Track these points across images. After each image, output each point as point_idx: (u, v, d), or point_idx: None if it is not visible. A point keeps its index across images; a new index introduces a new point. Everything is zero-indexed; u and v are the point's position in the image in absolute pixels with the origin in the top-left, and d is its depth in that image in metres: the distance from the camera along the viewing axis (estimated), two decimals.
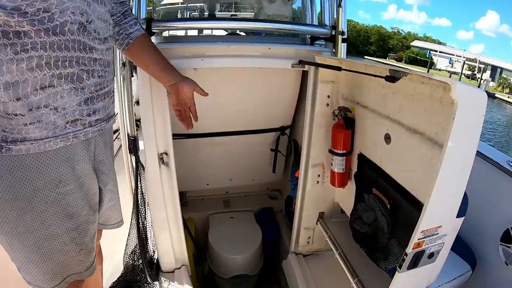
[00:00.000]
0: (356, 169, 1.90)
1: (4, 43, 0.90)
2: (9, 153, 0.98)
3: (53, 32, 0.96)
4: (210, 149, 2.63)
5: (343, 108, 1.84)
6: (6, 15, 0.87)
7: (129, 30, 1.45)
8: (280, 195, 3.15)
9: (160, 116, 1.84)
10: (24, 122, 0.98)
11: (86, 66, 1.07)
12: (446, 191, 1.14)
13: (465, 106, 1.00)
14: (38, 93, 0.97)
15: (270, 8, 2.62)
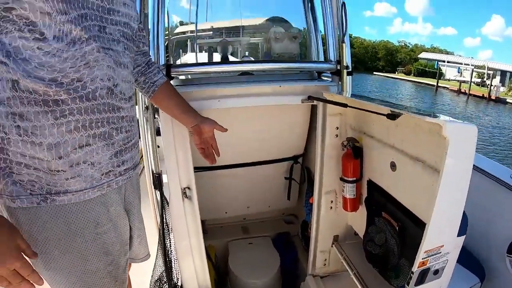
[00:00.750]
0: (366, 194, 2.02)
1: (45, 110, 1.03)
2: (54, 203, 1.10)
3: (86, 98, 1.09)
4: (228, 180, 2.75)
5: (351, 139, 1.99)
6: (45, 86, 1.01)
7: (154, 78, 1.60)
8: (296, 220, 3.25)
9: (182, 153, 1.97)
10: (65, 177, 1.10)
11: (115, 124, 1.21)
12: (444, 214, 1.28)
13: (456, 142, 1.16)
14: (77, 151, 1.11)
15: (278, 46, 2.78)
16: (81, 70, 1.07)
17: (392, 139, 1.71)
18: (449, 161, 1.17)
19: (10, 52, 0.97)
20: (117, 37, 1.20)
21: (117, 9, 1.19)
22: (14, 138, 1.03)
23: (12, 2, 0.93)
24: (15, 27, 0.96)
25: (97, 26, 1.10)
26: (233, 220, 3.19)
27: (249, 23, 7.09)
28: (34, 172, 1.07)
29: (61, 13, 0.99)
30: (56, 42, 1.00)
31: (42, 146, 1.05)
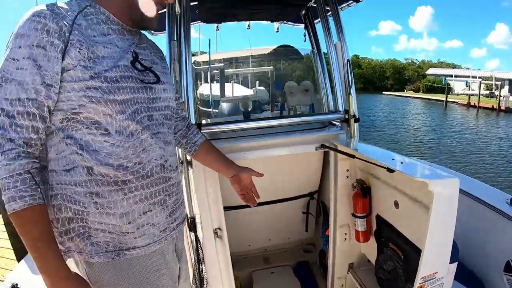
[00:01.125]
0: (375, 227, 2.32)
1: (116, 188, 1.32)
2: (125, 257, 1.39)
3: (146, 176, 1.39)
4: (251, 217, 3.01)
5: (359, 181, 2.31)
6: (114, 170, 1.31)
7: (194, 139, 1.86)
8: (314, 249, 3.46)
9: (213, 197, 2.25)
10: (133, 236, 1.39)
11: (167, 191, 1.50)
12: (435, 247, 1.61)
13: (440, 193, 1.51)
14: (141, 217, 1.40)
15: (293, 100, 3.11)
16: (140, 155, 1.36)
17: (394, 182, 2.02)
18: (435, 207, 1.51)
19: (82, 146, 1.27)
20: (161, 121, 1.48)
21: (159, 96, 1.47)
22: (92, 211, 1.32)
23: (79, 107, 1.23)
24: (83, 126, 1.26)
25: (147, 117, 1.39)
26: (255, 252, 3.41)
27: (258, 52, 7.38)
28: (109, 234, 1.35)
29: (119, 113, 1.28)
30: (118, 135, 1.30)
31: (115, 215, 1.34)
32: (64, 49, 1.19)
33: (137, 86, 1.35)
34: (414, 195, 1.86)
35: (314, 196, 3.17)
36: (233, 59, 7.97)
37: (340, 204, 2.48)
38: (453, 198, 1.57)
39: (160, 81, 1.47)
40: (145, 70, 1.42)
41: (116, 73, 1.27)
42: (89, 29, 1.28)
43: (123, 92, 1.29)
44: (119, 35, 1.38)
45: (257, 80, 8.15)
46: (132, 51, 1.39)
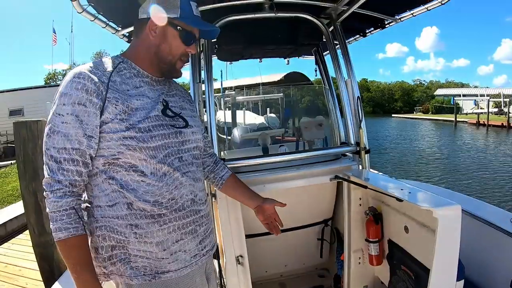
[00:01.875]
0: (387, 251, 2.47)
1: (152, 221, 1.51)
2: (160, 279, 1.56)
3: (179, 210, 1.58)
4: (268, 244, 3.13)
5: (371, 209, 2.48)
6: (151, 205, 1.50)
7: (221, 174, 2.04)
8: (328, 273, 3.56)
9: (236, 227, 2.42)
10: (168, 262, 1.56)
11: (198, 222, 1.67)
12: (442, 266, 1.80)
13: (443, 219, 1.72)
14: (174, 245, 1.58)
15: (307, 134, 3.32)
16: (173, 192, 1.55)
17: (404, 209, 2.21)
18: (440, 231, 1.72)
19: (123, 185, 1.48)
20: (190, 161, 1.66)
21: (187, 138, 1.65)
22: (132, 240, 1.50)
23: (118, 154, 1.44)
24: (122, 168, 1.47)
25: (177, 158, 1.58)
26: (272, 277, 3.52)
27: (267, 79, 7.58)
28: (146, 260, 1.53)
29: (152, 157, 1.48)
30: (153, 176, 1.50)
31: (152, 244, 1.52)
32: (102, 105, 1.41)
33: (168, 132, 1.55)
34: (422, 221, 2.05)
35: (328, 223, 3.30)
36: (244, 87, 8.19)
37: (354, 230, 2.64)
38: (456, 222, 1.76)
39: (188, 125, 1.66)
40: (175, 116, 1.62)
41: (148, 123, 1.49)
42: (123, 84, 1.51)
43: (155, 140, 1.49)
44: (150, 86, 1.60)
45: (267, 107, 8.33)
46: (162, 100, 1.60)
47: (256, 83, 7.98)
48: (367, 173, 2.57)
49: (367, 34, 3.55)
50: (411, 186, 2.10)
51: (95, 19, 2.45)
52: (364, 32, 3.55)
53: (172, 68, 1.64)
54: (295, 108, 5.23)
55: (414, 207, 2.04)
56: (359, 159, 2.69)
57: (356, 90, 2.68)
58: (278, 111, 7.02)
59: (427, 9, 2.86)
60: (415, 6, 2.94)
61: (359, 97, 2.65)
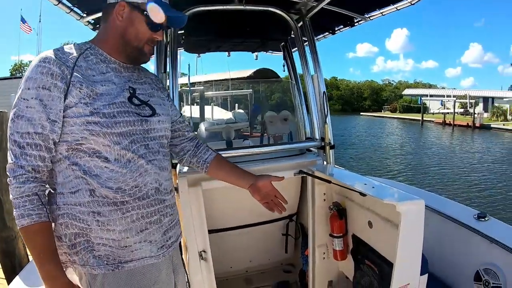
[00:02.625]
0: (352, 246, 2.48)
1: (115, 209, 1.48)
2: (123, 269, 1.53)
3: (142, 198, 1.55)
4: (232, 239, 3.12)
5: (335, 204, 2.49)
6: (114, 192, 1.47)
7: (204, 157, 1.95)
8: (293, 269, 3.56)
9: (198, 221, 2.38)
10: (131, 250, 1.54)
11: (162, 212, 1.64)
12: (405, 260, 1.80)
13: (407, 213, 1.71)
14: (139, 234, 1.55)
15: (273, 128, 3.29)
16: (137, 179, 1.52)
17: (367, 204, 2.21)
18: (403, 225, 1.72)
19: (86, 171, 1.45)
20: (157, 149, 1.63)
21: (154, 127, 1.63)
22: (94, 228, 1.47)
23: (81, 139, 1.42)
24: (86, 154, 1.45)
25: (143, 146, 1.55)
26: (237, 273, 3.50)
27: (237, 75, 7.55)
28: (109, 249, 1.50)
29: (116, 143, 1.46)
30: (117, 162, 1.48)
31: (115, 232, 1.49)
32: (66, 89, 1.39)
33: (133, 120, 1.52)
34: (385, 215, 2.05)
35: (293, 218, 3.30)
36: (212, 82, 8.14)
37: (318, 225, 2.63)
38: (419, 217, 1.77)
39: (156, 114, 1.63)
40: (142, 104, 1.59)
41: (113, 109, 1.46)
42: (89, 70, 1.48)
43: (119, 126, 1.47)
44: (117, 72, 1.57)
45: (236, 103, 8.29)
46: (128, 87, 1.57)
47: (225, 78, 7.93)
48: (331, 168, 2.57)
49: (336, 31, 3.56)
50: (375, 181, 2.10)
51: (59, 3, 2.42)
52: (333, 29, 3.56)
53: (139, 52, 1.62)
54: (264, 104, 5.21)
55: (377, 202, 2.04)
56: (324, 154, 2.69)
57: (322, 85, 2.67)
58: (247, 107, 7.00)
59: (397, 8, 2.88)
60: (384, 5, 2.96)
61: (325, 92, 2.65)
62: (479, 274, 2.50)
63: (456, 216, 2.83)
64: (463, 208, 3.07)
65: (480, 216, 2.75)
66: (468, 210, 2.97)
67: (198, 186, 2.39)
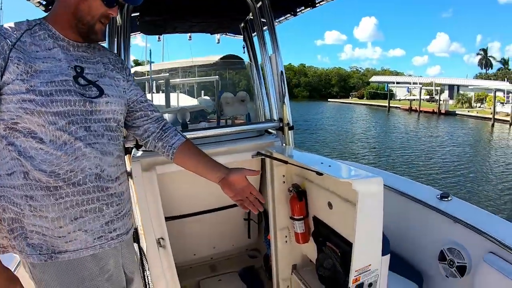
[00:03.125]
0: (313, 228, 2.43)
1: (48, 194, 1.40)
2: (57, 260, 1.44)
3: (78, 184, 1.45)
4: (194, 226, 3.06)
5: (295, 185, 2.42)
6: (47, 176, 1.39)
7: (171, 142, 1.76)
8: (259, 254, 3.55)
9: (154, 207, 2.30)
10: (65, 240, 1.45)
11: (105, 200, 1.54)
12: (365, 241, 1.75)
13: (364, 192, 1.65)
14: (73, 222, 1.45)
15: (229, 110, 3.21)
16: (72, 163, 1.43)
17: (326, 184, 2.15)
18: (360, 204, 1.65)
19: (21, 152, 1.38)
20: (101, 132, 1.53)
21: (99, 108, 1.52)
22: (27, 213, 1.39)
23: (16, 118, 1.35)
24: (21, 134, 1.37)
25: (83, 128, 1.46)
26: (201, 261, 3.46)
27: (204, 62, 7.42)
28: (42, 237, 1.42)
29: (51, 123, 1.38)
30: (52, 144, 1.39)
31: (48, 219, 1.41)
32: (4, 65, 1.32)
33: (73, 99, 1.43)
34: (344, 196, 2.00)
35: None
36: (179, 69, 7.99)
37: (279, 208, 2.58)
38: (377, 195, 1.71)
39: (104, 94, 1.53)
40: (88, 85, 1.50)
41: (51, 87, 1.37)
42: (34, 45, 1.40)
43: (56, 105, 1.38)
44: (64, 50, 1.48)
45: (202, 90, 8.18)
46: (75, 66, 1.48)
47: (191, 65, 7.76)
48: (290, 149, 2.51)
49: (298, 13, 3.49)
50: (334, 161, 2.04)
51: None
52: (295, 10, 3.48)
53: (91, 30, 1.51)
54: (229, 90, 5.15)
55: (336, 182, 2.00)
56: (282, 135, 2.62)
57: (280, 65, 2.60)
58: (214, 94, 6.92)
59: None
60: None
61: (282, 72, 2.57)
62: (444, 253, 2.51)
63: (419, 196, 2.83)
64: (426, 189, 3.08)
65: (443, 196, 2.75)
66: (431, 190, 2.98)
67: (153, 170, 2.30)
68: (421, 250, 2.75)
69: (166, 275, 2.37)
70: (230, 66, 6.29)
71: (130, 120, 1.77)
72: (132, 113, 1.75)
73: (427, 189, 3.05)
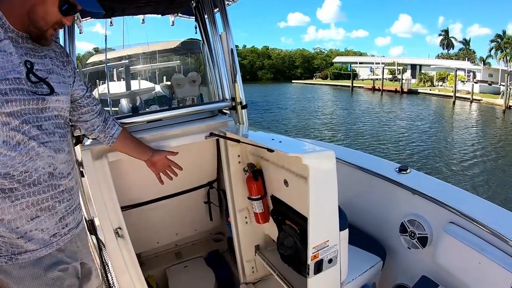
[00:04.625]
0: (272, 207, 2.42)
1: (3, 196, 1.36)
2: (17, 261, 1.43)
3: (33, 184, 1.42)
4: (153, 213, 3.00)
5: (250, 165, 2.40)
6: (1, 178, 1.34)
7: (111, 132, 1.94)
8: (223, 237, 3.54)
9: (108, 197, 2.22)
10: (24, 241, 1.43)
11: (57, 198, 1.52)
12: (320, 216, 1.75)
13: (315, 166, 1.63)
14: (29, 223, 1.43)
15: (181, 91, 3.14)
16: (26, 163, 1.39)
17: (281, 161, 2.12)
18: (311, 179, 1.63)
19: None
20: (52, 130, 1.50)
21: (48, 105, 1.48)
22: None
23: None
24: None
25: (35, 127, 1.42)
26: (165, 248, 3.42)
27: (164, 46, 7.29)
28: (1, 239, 1.39)
29: (5, 124, 1.32)
30: (5, 145, 1.34)
31: (4, 221, 1.38)
32: None
33: (27, 98, 1.38)
34: (299, 172, 1.98)
35: (213, 185, 3.23)
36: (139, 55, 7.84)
37: (236, 189, 2.56)
38: (329, 169, 1.69)
39: (54, 92, 1.50)
40: (39, 82, 1.45)
41: (5, 86, 1.31)
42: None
43: (10, 105, 1.33)
44: (14, 42, 1.40)
45: (164, 76, 8.06)
46: (25, 61, 1.42)
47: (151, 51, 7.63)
48: (243, 128, 2.48)
49: None
50: (286, 137, 2.01)
51: None
52: None
53: (42, 35, 1.45)
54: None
55: (290, 158, 1.98)
56: (236, 115, 2.57)
57: (231, 43, 2.53)
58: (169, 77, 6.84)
59: None
60: None
61: (233, 50, 2.51)
62: (404, 225, 2.53)
63: (378, 170, 2.84)
64: (385, 163, 3.10)
65: (401, 169, 2.77)
66: (390, 164, 2.99)
67: (104, 158, 2.21)
68: (382, 223, 2.76)
69: (128, 265, 2.32)
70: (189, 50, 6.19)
71: (76, 115, 1.78)
72: (79, 108, 1.77)
73: (386, 163, 3.07)
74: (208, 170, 3.11)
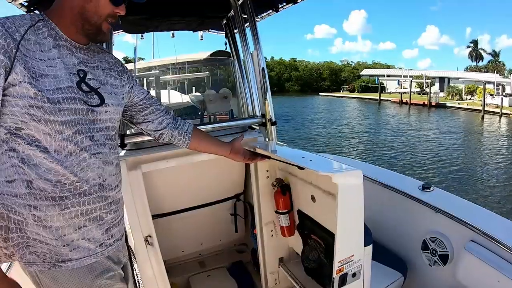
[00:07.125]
0: (298, 221, 2.47)
1: (53, 204, 1.38)
2: (61, 268, 1.43)
3: (83, 194, 1.44)
4: (181, 222, 3.07)
5: (278, 180, 2.46)
6: (52, 186, 1.36)
7: (185, 128, 1.91)
8: (247, 248, 3.58)
9: (141, 206, 2.31)
10: (69, 249, 1.44)
11: (105, 209, 1.54)
12: (346, 232, 1.80)
13: (343, 184, 1.70)
14: (77, 232, 1.45)
15: (213, 107, 3.23)
16: (78, 174, 1.41)
17: (309, 178, 2.19)
18: (340, 196, 1.70)
19: (24, 159, 1.33)
20: (103, 141, 1.51)
21: (100, 117, 1.49)
22: (31, 223, 1.37)
23: (21, 123, 1.29)
24: (24, 141, 1.32)
25: (88, 137, 1.44)
26: (190, 257, 3.48)
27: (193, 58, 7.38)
28: (46, 246, 1.40)
29: (59, 133, 1.34)
30: (57, 154, 1.35)
31: (52, 228, 1.39)
32: (10, 65, 1.23)
33: (80, 108, 1.39)
34: (326, 189, 2.04)
35: (240, 197, 3.29)
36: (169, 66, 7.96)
37: (263, 203, 2.62)
38: (357, 188, 1.75)
39: (104, 103, 1.50)
40: (90, 92, 1.45)
41: (59, 94, 1.32)
42: (38, 44, 1.32)
43: (63, 114, 1.33)
44: (68, 51, 1.42)
45: (193, 86, 8.14)
46: (78, 71, 1.43)
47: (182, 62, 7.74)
48: (272, 145, 2.55)
49: (280, 8, 3.49)
50: (316, 155, 2.08)
51: None
52: (277, 6, 3.49)
53: (98, 30, 1.46)
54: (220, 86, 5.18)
55: (318, 176, 2.03)
56: (265, 131, 2.65)
57: (262, 61, 2.61)
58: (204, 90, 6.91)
59: None
60: None
61: (264, 68, 2.59)
62: (426, 242, 2.56)
63: (402, 188, 2.88)
64: (409, 180, 3.14)
65: (424, 187, 2.80)
66: (413, 181, 3.04)
67: (138, 169, 2.30)
68: (404, 240, 2.79)
69: (155, 272, 2.39)
70: (219, 62, 6.29)
71: (141, 117, 1.80)
72: (143, 109, 1.78)
73: (410, 181, 3.11)
74: (236, 183, 3.18)
